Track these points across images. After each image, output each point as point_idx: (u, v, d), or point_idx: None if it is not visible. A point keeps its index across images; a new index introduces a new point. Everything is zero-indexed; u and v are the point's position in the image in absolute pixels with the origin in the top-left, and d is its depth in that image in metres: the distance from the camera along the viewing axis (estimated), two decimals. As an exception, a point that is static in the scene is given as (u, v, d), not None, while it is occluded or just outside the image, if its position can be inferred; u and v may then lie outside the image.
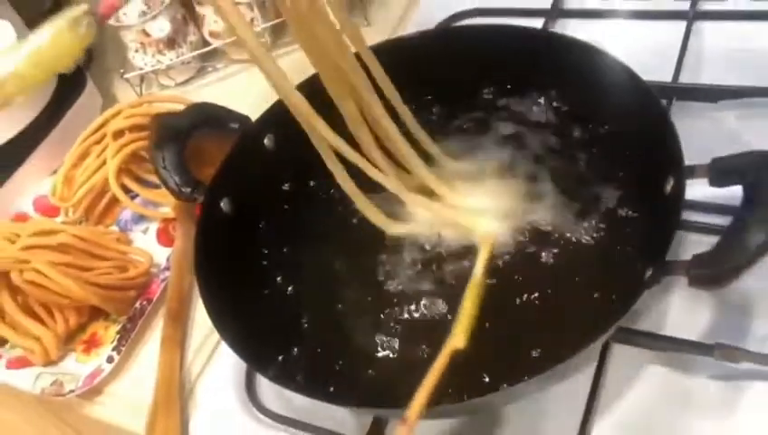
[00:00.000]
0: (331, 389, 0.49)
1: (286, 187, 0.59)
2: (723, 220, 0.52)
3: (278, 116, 0.57)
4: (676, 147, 0.45)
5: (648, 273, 0.41)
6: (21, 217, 0.76)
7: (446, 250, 0.52)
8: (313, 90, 0.49)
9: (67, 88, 0.82)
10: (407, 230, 0.52)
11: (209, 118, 0.57)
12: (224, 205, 0.54)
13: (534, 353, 0.45)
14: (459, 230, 0.50)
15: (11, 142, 0.77)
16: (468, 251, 0.51)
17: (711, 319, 0.51)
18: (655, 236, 0.43)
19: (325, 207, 0.59)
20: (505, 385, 0.41)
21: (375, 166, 0.49)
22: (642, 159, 0.48)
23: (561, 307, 0.48)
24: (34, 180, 0.78)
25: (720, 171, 0.43)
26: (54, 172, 0.79)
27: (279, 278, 0.55)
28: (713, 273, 0.40)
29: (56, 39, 0.37)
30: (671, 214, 0.42)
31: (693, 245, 0.52)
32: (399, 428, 0.37)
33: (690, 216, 0.53)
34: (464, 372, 0.42)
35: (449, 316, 0.49)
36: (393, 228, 0.51)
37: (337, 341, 0.51)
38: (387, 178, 0.48)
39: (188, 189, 0.54)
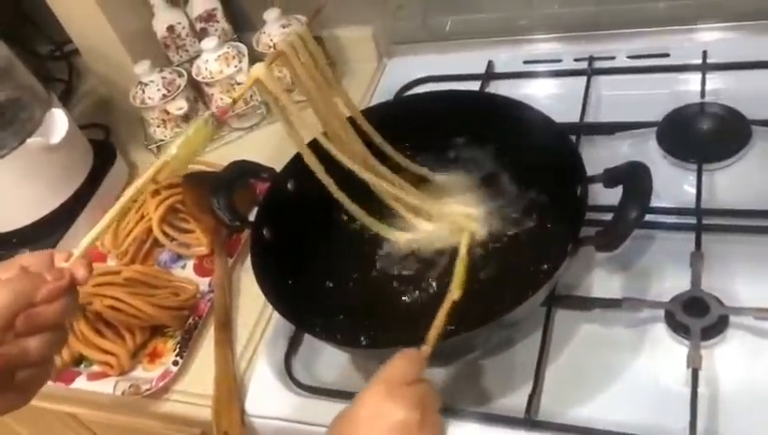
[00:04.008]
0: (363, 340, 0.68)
1: (305, 217, 0.78)
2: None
3: (296, 168, 0.77)
4: (581, 165, 0.66)
5: (570, 246, 0.62)
6: (76, 266, 0.92)
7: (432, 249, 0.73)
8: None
9: (101, 161, 1.00)
10: (410, 237, 0.72)
11: (246, 170, 0.76)
12: (265, 232, 0.73)
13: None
14: (445, 232, 0.71)
15: (62, 207, 0.94)
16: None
17: (619, 285, 0.71)
18: (572, 223, 0.63)
19: (332, 229, 0.78)
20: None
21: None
22: (560, 175, 0.68)
23: (518, 273, 0.69)
24: (83, 236, 0.94)
25: (609, 177, 0.64)
26: (98, 228, 0.96)
27: (305, 274, 0.74)
28: (609, 241, 0.61)
29: (197, 132, 0.56)
30: (581, 207, 0.63)
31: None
32: (423, 347, 0.55)
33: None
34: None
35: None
36: (401, 237, 0.72)
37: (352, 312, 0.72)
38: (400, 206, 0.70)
39: (237, 223, 0.72)
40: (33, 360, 0.49)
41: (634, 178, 0.61)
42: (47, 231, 0.93)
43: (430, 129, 0.80)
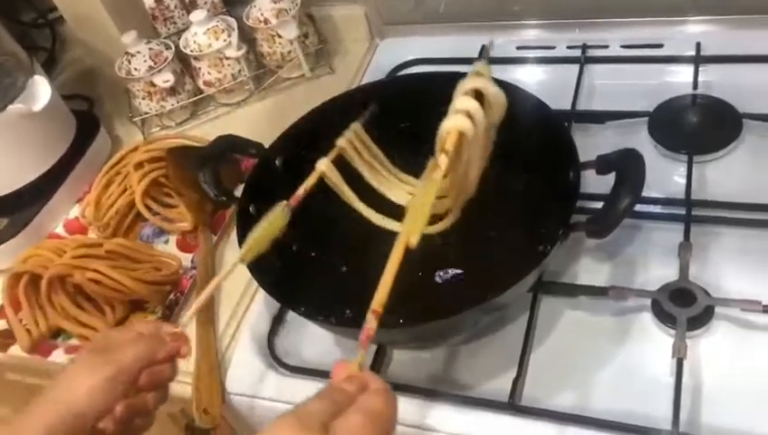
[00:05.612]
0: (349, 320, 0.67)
1: (292, 193, 0.76)
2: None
3: (284, 144, 0.77)
4: (574, 150, 0.66)
5: (561, 231, 0.61)
6: (55, 237, 0.91)
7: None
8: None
9: (84, 132, 0.98)
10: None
11: (233, 145, 0.75)
12: (251, 209, 0.71)
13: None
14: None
15: (43, 177, 0.92)
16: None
17: (606, 273, 0.71)
18: (563, 208, 0.63)
19: (317, 206, 0.77)
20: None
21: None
22: (552, 159, 0.68)
23: (506, 257, 0.68)
24: (63, 208, 0.94)
25: (602, 164, 0.64)
26: (79, 200, 0.95)
27: (291, 253, 0.74)
28: (600, 227, 0.61)
29: (273, 220, 0.61)
30: (573, 193, 0.63)
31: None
32: (369, 316, 0.48)
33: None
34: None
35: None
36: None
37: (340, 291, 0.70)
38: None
39: (224, 198, 0.71)
40: (146, 411, 0.57)
41: (628, 165, 0.61)
42: (28, 201, 0.91)
43: (422, 110, 0.79)
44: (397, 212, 0.71)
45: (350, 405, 0.43)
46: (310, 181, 0.64)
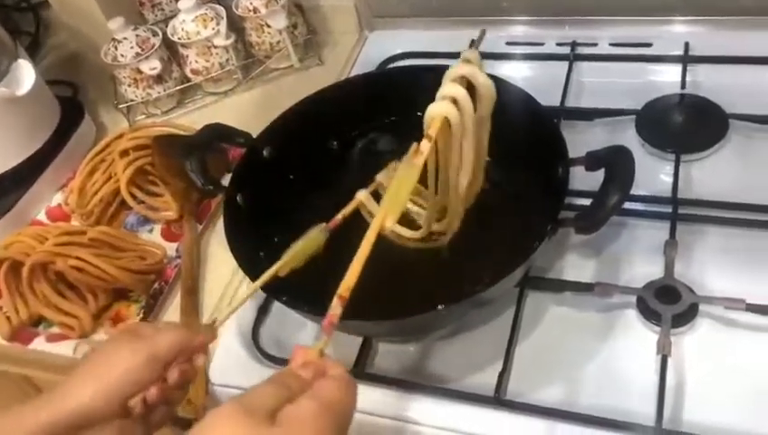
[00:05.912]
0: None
1: (280, 185, 0.76)
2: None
3: (273, 134, 0.76)
4: (563, 146, 0.66)
5: (550, 227, 0.62)
6: (37, 223, 0.89)
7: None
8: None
9: (68, 119, 0.96)
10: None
11: (221, 134, 0.74)
12: (239, 198, 0.71)
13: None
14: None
15: (25, 163, 0.91)
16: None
17: (592, 269, 0.72)
18: (552, 203, 0.63)
19: (303, 196, 0.77)
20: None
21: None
22: (541, 155, 0.68)
23: (494, 252, 0.68)
24: (46, 194, 0.92)
25: (591, 160, 0.64)
26: (62, 187, 0.93)
27: (278, 243, 0.70)
28: (589, 223, 0.61)
29: (310, 239, 0.58)
30: (562, 188, 0.63)
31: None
32: (334, 302, 0.46)
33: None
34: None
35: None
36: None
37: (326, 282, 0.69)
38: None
39: (210, 187, 0.70)
40: (172, 402, 0.56)
41: (617, 162, 0.61)
42: (10, 187, 0.89)
43: (411, 103, 0.79)
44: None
45: (305, 392, 0.41)
46: (348, 209, 0.64)
